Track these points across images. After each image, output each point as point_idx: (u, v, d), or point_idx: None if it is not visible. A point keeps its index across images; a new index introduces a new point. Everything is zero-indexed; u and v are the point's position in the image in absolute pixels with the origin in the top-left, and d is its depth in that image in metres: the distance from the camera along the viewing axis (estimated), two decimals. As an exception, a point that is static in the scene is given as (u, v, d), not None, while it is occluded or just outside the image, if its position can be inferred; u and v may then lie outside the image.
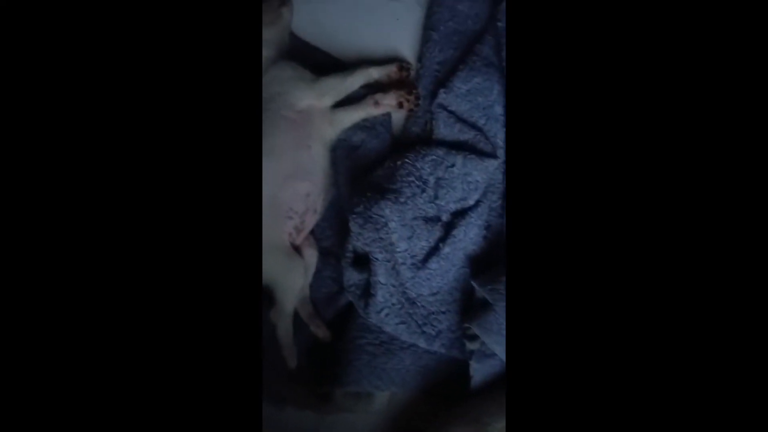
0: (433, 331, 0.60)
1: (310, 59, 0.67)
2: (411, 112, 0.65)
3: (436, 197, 0.60)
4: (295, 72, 0.63)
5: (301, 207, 0.62)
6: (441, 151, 0.60)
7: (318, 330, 0.65)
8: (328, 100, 0.63)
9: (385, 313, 0.59)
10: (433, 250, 0.59)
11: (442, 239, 0.59)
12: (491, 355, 0.57)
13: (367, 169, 0.64)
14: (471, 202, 0.61)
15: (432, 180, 0.60)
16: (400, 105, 0.63)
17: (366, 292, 0.60)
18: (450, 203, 0.60)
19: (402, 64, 0.64)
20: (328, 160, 0.64)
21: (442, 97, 0.62)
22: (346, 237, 0.62)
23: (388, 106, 0.63)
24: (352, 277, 0.61)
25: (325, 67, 0.65)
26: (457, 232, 0.59)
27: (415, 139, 0.64)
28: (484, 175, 0.60)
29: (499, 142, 0.63)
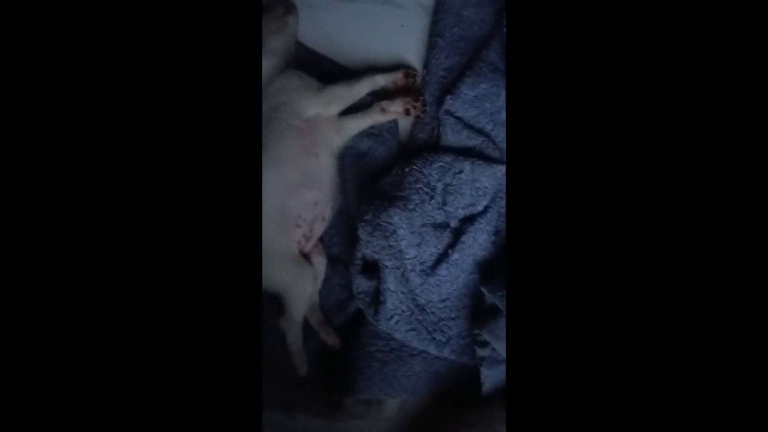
0: (443, 338, 0.60)
1: (316, 67, 0.67)
2: (418, 118, 0.65)
3: (445, 204, 0.60)
4: (302, 81, 0.63)
5: (309, 215, 0.62)
6: (449, 158, 0.60)
7: (328, 337, 0.65)
8: (335, 108, 0.63)
9: (395, 320, 0.59)
10: (442, 257, 0.59)
11: (451, 245, 0.59)
12: (502, 361, 0.57)
13: (374, 177, 0.65)
14: (479, 208, 0.61)
15: (440, 186, 0.60)
16: (406, 112, 0.63)
17: (375, 299, 0.61)
18: (458, 209, 0.60)
19: (408, 70, 0.65)
20: (336, 167, 0.65)
21: (449, 103, 0.62)
22: (355, 244, 0.62)
23: (394, 113, 0.63)
24: (362, 284, 0.61)
25: (332, 75, 0.66)
26: (466, 239, 0.59)
27: (423, 146, 0.64)
28: (492, 180, 0.60)
29: (507, 147, 0.63)
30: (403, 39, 0.67)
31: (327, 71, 0.67)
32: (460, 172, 0.60)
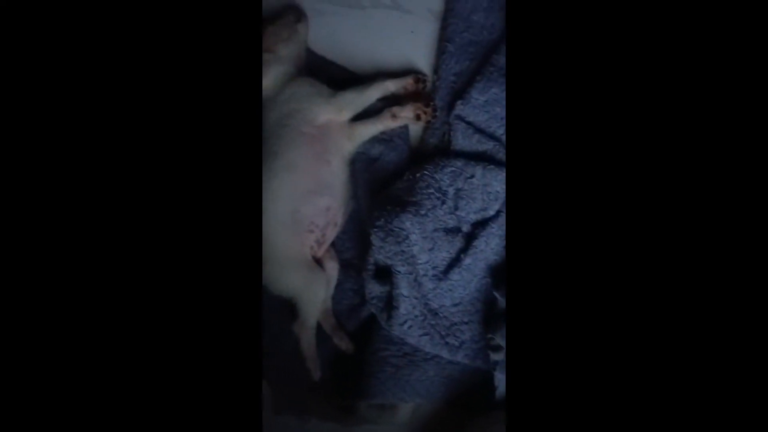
0: (456, 342, 0.60)
1: (326, 74, 0.67)
2: (428, 123, 0.65)
3: (456, 208, 0.60)
4: (313, 88, 0.64)
5: (321, 221, 0.63)
6: (460, 162, 0.60)
7: (341, 342, 0.65)
8: (346, 114, 0.63)
9: (408, 325, 0.59)
10: (455, 261, 0.59)
11: (464, 250, 0.59)
12: (515, 365, 0.57)
13: (385, 182, 0.65)
14: (491, 212, 0.61)
15: (452, 191, 0.60)
16: (417, 117, 0.63)
17: (388, 304, 0.61)
18: (470, 214, 0.60)
19: (418, 76, 0.65)
20: (347, 173, 0.65)
21: (460, 108, 0.62)
22: (367, 249, 0.62)
23: (405, 118, 0.64)
24: (374, 289, 0.62)
25: (342, 82, 0.66)
26: (478, 243, 0.59)
27: (434, 151, 0.64)
28: (503, 185, 0.60)
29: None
30: (413, 44, 0.67)
31: (337, 78, 0.67)
32: (472, 176, 0.60)
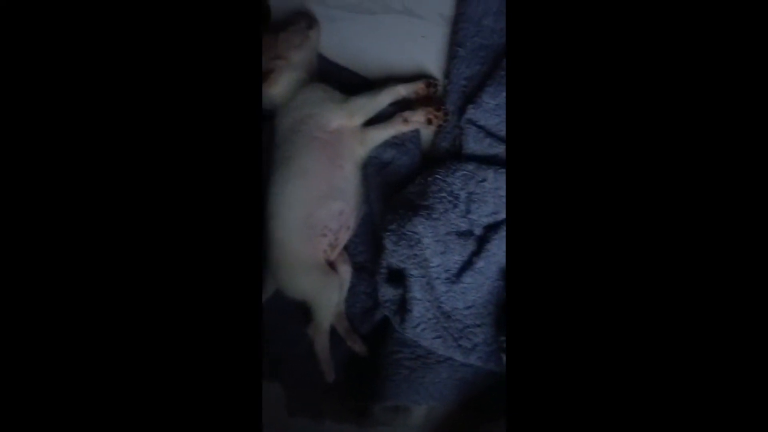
0: (468, 345, 0.60)
1: (338, 79, 0.68)
2: (440, 128, 0.65)
3: (468, 212, 0.60)
4: (326, 93, 0.64)
5: (335, 225, 0.64)
6: (471, 166, 0.61)
7: (355, 345, 0.66)
8: (358, 119, 0.64)
9: (421, 328, 0.60)
10: (467, 265, 0.60)
11: (476, 253, 0.60)
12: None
13: (397, 185, 0.65)
14: (503, 215, 0.61)
15: (463, 195, 0.60)
16: (428, 121, 0.64)
17: (401, 307, 0.61)
18: (482, 217, 0.60)
19: (429, 80, 0.65)
20: (360, 177, 0.65)
21: (471, 112, 0.62)
22: (379, 252, 0.63)
23: (417, 122, 0.64)
24: (387, 292, 0.62)
25: (354, 87, 0.66)
26: (491, 246, 0.59)
27: (445, 155, 0.64)
28: (515, 188, 0.61)
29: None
30: (424, 49, 0.68)
31: (349, 83, 0.68)
32: (484, 180, 0.60)
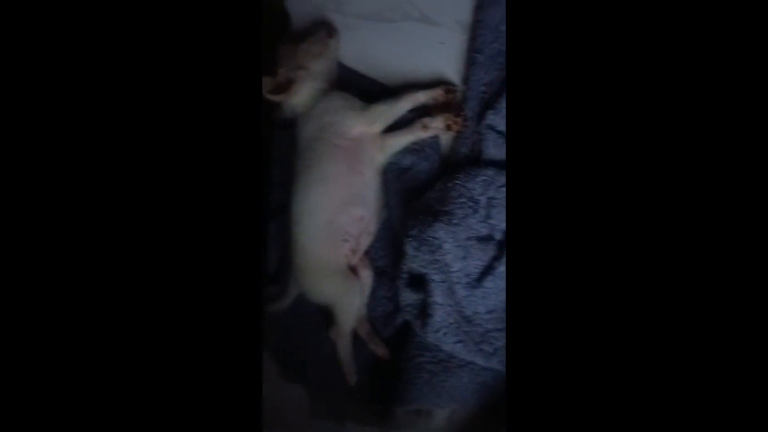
0: (490, 349, 0.60)
1: (357, 86, 0.69)
2: (459, 133, 0.66)
3: (489, 217, 0.61)
4: (346, 101, 0.65)
5: (356, 230, 0.65)
6: (491, 171, 0.61)
7: (377, 348, 0.67)
8: (378, 126, 0.65)
9: (443, 333, 0.60)
10: (488, 269, 0.60)
11: (496, 258, 0.60)
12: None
13: (417, 191, 0.66)
14: (523, 220, 0.61)
15: (483, 200, 0.61)
16: (448, 127, 0.64)
17: (423, 311, 0.62)
18: (502, 222, 0.61)
19: (448, 86, 0.66)
20: (380, 183, 0.66)
21: (491, 117, 0.63)
22: (400, 257, 0.64)
23: (436, 128, 0.65)
24: (409, 297, 0.63)
25: (373, 94, 0.67)
26: (511, 251, 0.60)
27: (464, 160, 0.65)
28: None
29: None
30: (442, 56, 0.68)
31: (369, 90, 0.69)
32: (503, 185, 0.61)
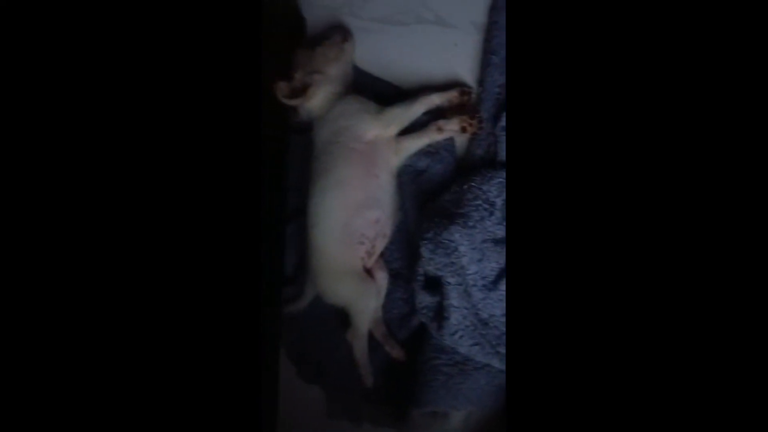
0: (506, 351, 0.60)
1: (372, 89, 0.69)
2: (474, 135, 0.66)
3: (504, 219, 0.61)
4: (361, 105, 0.66)
5: (371, 233, 0.65)
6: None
7: (393, 350, 0.67)
8: (393, 129, 0.65)
9: (459, 335, 0.60)
10: (504, 272, 0.60)
11: (512, 260, 0.60)
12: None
13: (432, 193, 0.66)
14: (539, 222, 0.61)
15: (499, 202, 0.60)
16: (463, 129, 0.64)
17: (439, 314, 0.62)
18: (518, 225, 0.61)
19: (463, 89, 0.66)
20: (395, 186, 0.67)
21: (506, 119, 0.63)
22: (416, 259, 0.64)
23: (451, 131, 0.65)
24: (424, 299, 0.63)
25: (388, 97, 0.68)
26: (527, 253, 0.60)
27: (480, 162, 0.65)
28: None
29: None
30: (457, 58, 0.68)
31: (383, 93, 0.69)
32: (519, 187, 0.60)
